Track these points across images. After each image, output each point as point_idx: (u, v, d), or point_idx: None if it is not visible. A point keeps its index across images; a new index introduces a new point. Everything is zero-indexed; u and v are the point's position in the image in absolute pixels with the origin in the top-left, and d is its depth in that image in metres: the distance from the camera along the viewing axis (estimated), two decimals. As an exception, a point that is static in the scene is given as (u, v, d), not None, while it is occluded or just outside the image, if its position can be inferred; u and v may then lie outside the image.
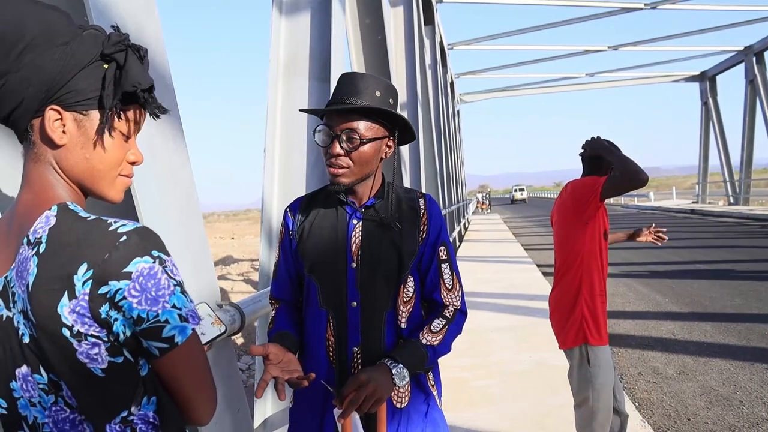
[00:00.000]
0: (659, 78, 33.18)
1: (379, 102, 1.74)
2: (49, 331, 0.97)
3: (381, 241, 1.80)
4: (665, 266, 11.48)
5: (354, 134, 1.71)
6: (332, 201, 1.85)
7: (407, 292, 1.84)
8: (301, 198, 1.95)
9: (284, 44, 3.87)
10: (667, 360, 5.80)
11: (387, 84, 1.81)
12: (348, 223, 1.82)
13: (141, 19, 1.86)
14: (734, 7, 21.63)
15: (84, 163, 1.06)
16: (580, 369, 2.98)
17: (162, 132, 1.94)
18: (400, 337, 1.82)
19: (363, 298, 1.78)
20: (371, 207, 1.83)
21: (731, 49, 27.50)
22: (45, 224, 1.00)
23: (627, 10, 20.35)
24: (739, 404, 4.57)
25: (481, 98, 36.03)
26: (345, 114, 1.73)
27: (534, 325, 6.69)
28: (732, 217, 22.96)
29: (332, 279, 1.80)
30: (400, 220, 1.83)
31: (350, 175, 1.75)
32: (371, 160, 1.77)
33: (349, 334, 1.78)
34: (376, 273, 1.79)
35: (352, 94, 1.73)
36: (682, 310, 7.75)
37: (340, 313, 1.79)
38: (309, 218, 1.86)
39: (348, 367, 1.78)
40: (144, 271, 0.98)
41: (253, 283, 15.07)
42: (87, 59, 1.02)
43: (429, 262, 1.87)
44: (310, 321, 1.83)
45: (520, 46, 24.89)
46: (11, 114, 1.03)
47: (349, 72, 1.83)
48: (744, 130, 27.59)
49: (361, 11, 6.43)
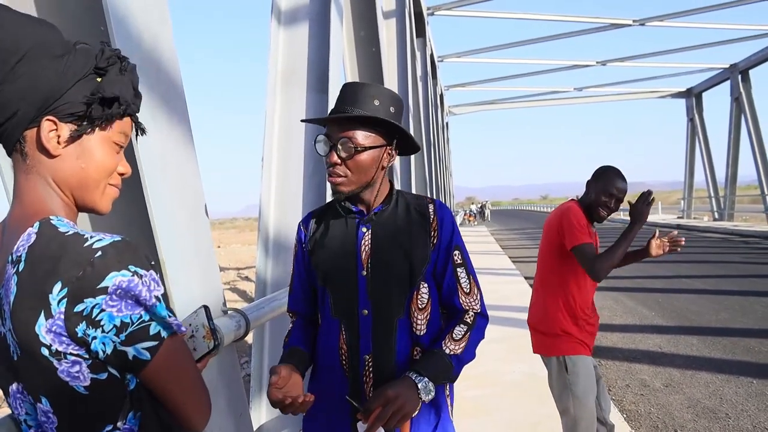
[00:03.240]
0: (646, 94, 33.47)
1: (378, 111, 1.74)
2: (29, 350, 0.97)
3: (391, 248, 1.80)
4: (651, 280, 11.58)
5: (350, 143, 1.72)
6: (342, 211, 1.86)
7: (421, 298, 1.82)
8: (313, 211, 1.96)
9: (282, 55, 3.91)
10: (654, 373, 5.86)
11: (389, 93, 1.80)
12: (357, 231, 1.82)
13: (156, 29, 1.90)
14: (721, 26, 21.91)
15: (80, 173, 1.07)
16: (559, 377, 3.01)
17: (174, 139, 1.98)
18: (416, 344, 1.80)
19: (374, 306, 1.78)
20: (379, 214, 1.83)
21: (717, 66, 27.82)
22: (26, 242, 0.99)
23: (616, 26, 20.56)
24: (725, 417, 4.63)
25: (469, 110, 36.17)
26: (343, 123, 1.74)
27: (523, 337, 6.69)
28: (717, 232, 23.17)
29: (343, 288, 1.80)
30: (410, 226, 1.83)
31: (349, 184, 1.75)
32: (369, 168, 1.76)
33: (361, 343, 1.78)
34: (387, 280, 1.78)
35: (351, 103, 1.74)
36: (669, 324, 7.82)
37: (351, 321, 1.78)
38: (320, 230, 1.87)
39: (360, 375, 1.77)
40: (122, 284, 0.97)
41: (239, 291, 15.00)
42: (82, 72, 1.04)
43: (444, 267, 1.85)
44: (324, 330, 1.84)
45: (510, 60, 25.07)
46: (3, 125, 1.03)
47: (352, 81, 1.83)
48: (729, 147, 27.85)
49: (356, 23, 6.49)
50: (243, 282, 17.37)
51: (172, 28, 2.01)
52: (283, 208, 3.68)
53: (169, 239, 1.88)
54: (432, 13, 17.62)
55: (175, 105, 1.99)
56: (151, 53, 1.89)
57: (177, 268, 1.92)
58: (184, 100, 2.04)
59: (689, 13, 19.97)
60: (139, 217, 1.83)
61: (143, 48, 1.85)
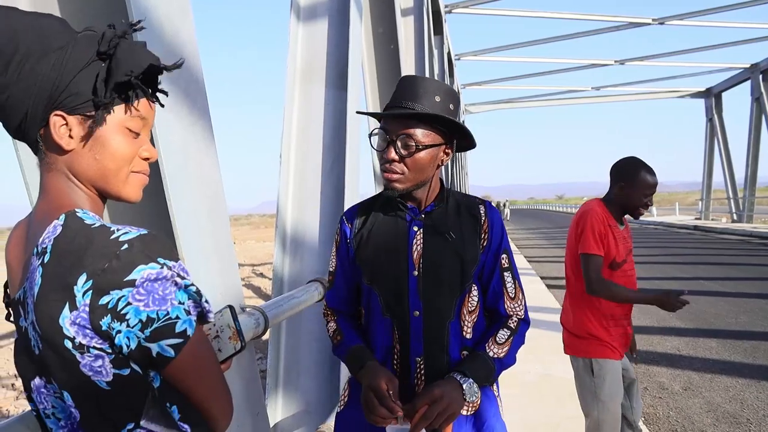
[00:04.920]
0: (665, 93, 33.17)
1: (439, 108, 1.69)
2: (52, 342, 0.96)
3: (443, 249, 1.75)
4: (669, 282, 11.46)
5: (410, 140, 1.67)
6: (390, 207, 1.81)
7: (472, 301, 1.79)
8: (357, 205, 1.90)
9: (301, 51, 3.90)
10: (672, 375, 5.80)
11: (448, 89, 1.75)
12: (408, 229, 1.77)
13: (178, 22, 1.88)
14: (742, 25, 21.66)
15: (95, 165, 1.05)
16: (584, 379, 2.98)
17: (194, 134, 1.96)
18: (464, 347, 1.77)
19: (426, 308, 1.73)
20: (431, 213, 1.79)
21: (738, 66, 27.51)
22: (51, 234, 0.98)
23: (635, 24, 20.37)
24: (746, 422, 4.57)
25: (486, 109, 36.04)
26: (402, 119, 1.68)
27: (539, 338, 6.68)
28: (735, 234, 22.91)
29: (393, 287, 1.75)
30: (462, 227, 1.79)
31: (405, 181, 1.71)
32: (427, 167, 1.72)
33: (412, 344, 1.74)
34: (439, 281, 1.74)
35: (411, 98, 1.69)
36: (687, 326, 7.74)
37: (402, 322, 1.74)
38: (367, 225, 1.82)
39: (411, 377, 1.74)
40: (150, 276, 0.95)
41: (254, 288, 15.05)
42: (84, 61, 1.01)
43: (491, 270, 1.82)
44: (375, 329, 1.79)
45: (527, 58, 24.92)
46: (20, 126, 1.02)
47: (410, 75, 1.78)
48: (749, 148, 27.56)
49: (374, 20, 6.46)
50: (258, 278, 17.43)
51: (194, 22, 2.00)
52: (301, 204, 3.66)
53: (189, 235, 1.87)
54: (450, 10, 17.55)
55: (195, 99, 1.97)
56: (173, 47, 1.87)
57: (197, 264, 1.91)
58: (204, 95, 2.02)
59: (710, 12, 19.73)
60: (159, 213, 1.82)
61: (165, 41, 1.83)
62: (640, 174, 2.93)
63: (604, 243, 2.90)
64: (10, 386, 8.38)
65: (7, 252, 1.10)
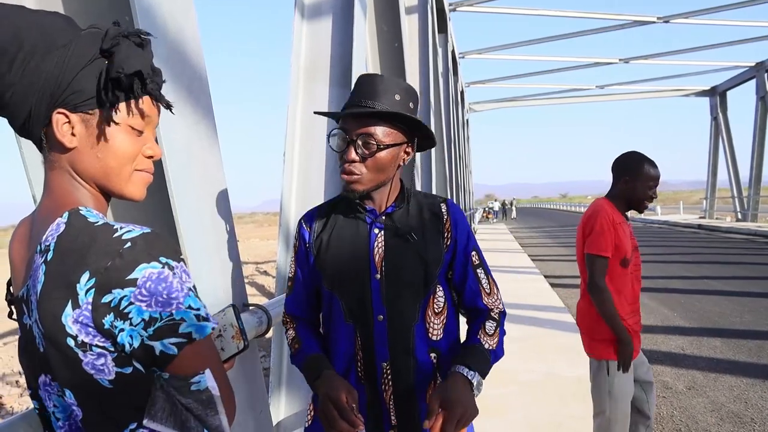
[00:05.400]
0: (669, 92, 33.10)
1: (399, 106, 1.66)
2: (55, 340, 0.95)
3: (405, 251, 1.71)
4: (673, 281, 11.44)
5: (371, 140, 1.63)
6: (350, 210, 1.76)
7: (437, 302, 1.75)
8: (316, 208, 1.85)
9: (306, 49, 3.89)
10: (676, 375, 5.78)
11: (407, 87, 1.72)
12: (369, 232, 1.73)
13: (181, 21, 1.88)
14: (747, 23, 21.59)
15: (97, 163, 1.05)
16: (599, 378, 2.99)
17: (197, 132, 1.96)
18: (432, 350, 1.74)
19: (389, 311, 1.69)
20: (392, 214, 1.75)
21: (743, 64, 27.42)
22: (55, 231, 0.98)
23: (639, 23, 20.33)
24: (750, 422, 4.55)
25: (490, 107, 36.01)
26: (362, 118, 1.64)
27: (543, 336, 6.69)
28: (740, 233, 22.84)
29: (356, 292, 1.71)
30: (423, 228, 1.75)
31: (365, 182, 1.67)
32: (388, 167, 1.68)
33: (377, 349, 1.70)
34: (402, 284, 1.70)
35: (370, 96, 1.65)
36: (691, 325, 7.71)
37: (366, 327, 1.70)
38: (327, 229, 1.77)
39: (378, 383, 1.71)
40: (152, 276, 0.95)
41: (257, 285, 15.08)
42: (87, 58, 1.01)
43: (464, 269, 1.78)
44: (337, 336, 1.74)
45: (531, 57, 24.88)
46: (24, 124, 1.02)
47: (368, 73, 1.72)
48: (754, 146, 27.49)
49: (378, 18, 6.46)
50: (262, 276, 17.46)
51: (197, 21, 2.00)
52: (305, 203, 3.65)
53: (192, 233, 1.87)
54: (454, 9, 17.53)
55: (199, 97, 1.97)
56: (176, 45, 1.87)
57: (200, 262, 1.91)
58: (208, 93, 2.02)
59: (715, 10, 19.66)
60: (162, 211, 1.81)
61: (168, 39, 1.83)
62: (643, 167, 2.96)
63: (614, 243, 2.91)
64: (14, 383, 8.40)
65: (11, 249, 1.10)
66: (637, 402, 3.09)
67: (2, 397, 7.82)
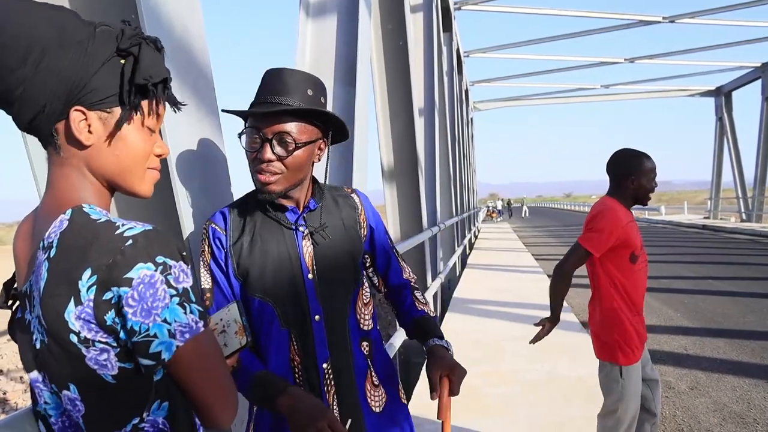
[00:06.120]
0: (675, 92, 33.02)
1: (312, 101, 1.61)
2: (58, 336, 0.96)
3: (332, 247, 1.70)
4: (676, 281, 11.43)
5: (287, 137, 1.57)
6: (268, 210, 1.68)
7: (365, 293, 1.79)
8: (225, 209, 1.71)
9: (310, 47, 3.89)
10: (679, 375, 5.78)
11: (316, 80, 1.66)
12: (295, 232, 1.68)
13: (187, 19, 1.89)
14: (753, 23, 21.53)
15: (114, 161, 1.06)
16: (611, 381, 3.00)
17: (202, 129, 1.97)
18: (363, 339, 1.75)
19: (325, 310, 1.67)
20: (313, 212, 1.71)
21: (748, 64, 27.33)
22: (58, 228, 0.98)
23: (645, 22, 20.29)
24: (753, 422, 4.55)
25: (494, 106, 35.98)
26: (275, 116, 1.57)
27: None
28: (744, 233, 22.79)
29: (290, 295, 1.65)
30: (343, 221, 1.75)
31: (283, 182, 1.60)
32: (305, 165, 1.63)
33: (318, 350, 1.66)
34: (335, 281, 1.69)
35: (281, 92, 1.58)
36: (694, 325, 7.71)
37: (303, 330, 1.66)
38: (246, 233, 1.66)
39: (320, 384, 1.67)
40: (145, 279, 0.94)
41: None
42: (104, 56, 1.01)
43: (386, 253, 1.88)
44: (271, 344, 1.66)
45: (536, 56, 24.84)
46: (34, 120, 1.01)
47: (276, 68, 1.65)
48: (759, 147, 27.40)
49: (383, 17, 6.46)
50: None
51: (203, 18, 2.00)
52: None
53: (196, 231, 1.87)
54: (459, 7, 17.52)
55: (204, 95, 1.98)
56: (182, 43, 1.88)
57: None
58: (213, 91, 2.03)
59: (721, 10, 19.60)
60: (166, 209, 1.82)
61: (174, 37, 1.83)
62: (643, 162, 3.01)
63: (616, 243, 2.91)
64: (18, 379, 8.43)
65: (15, 246, 1.10)
66: (643, 400, 3.10)
67: (7, 393, 7.86)
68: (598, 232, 2.92)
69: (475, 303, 8.95)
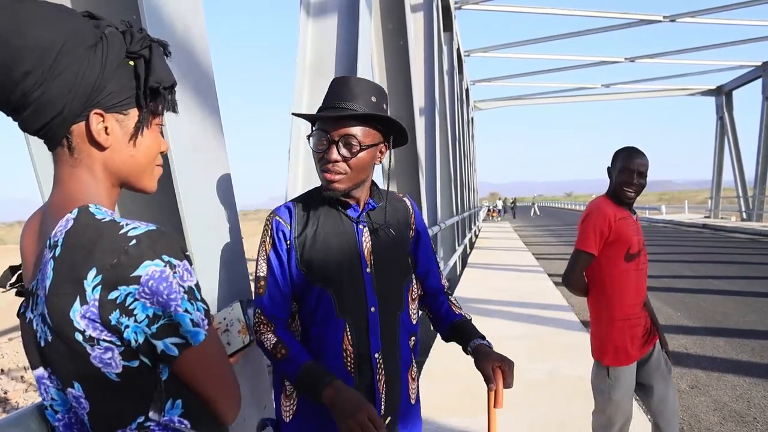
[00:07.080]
0: (675, 91, 33.01)
1: (375, 107, 1.74)
2: (63, 335, 0.97)
3: (388, 244, 1.83)
4: (677, 280, 11.43)
5: (353, 140, 1.70)
6: (332, 206, 1.80)
7: (414, 289, 1.93)
8: (290, 204, 1.84)
9: (311, 47, 3.90)
10: (679, 374, 5.78)
11: (379, 88, 1.80)
12: (356, 228, 1.80)
13: (189, 20, 1.89)
14: (754, 23, 21.53)
15: (131, 161, 1.08)
16: (599, 381, 3.00)
17: (204, 129, 1.98)
18: (411, 334, 1.90)
19: (380, 303, 1.78)
20: (372, 211, 1.84)
21: (749, 64, 27.33)
22: (63, 227, 0.99)
23: (645, 22, 20.29)
24: (753, 421, 4.56)
25: (495, 106, 35.98)
26: (342, 120, 1.70)
27: (546, 335, 6.69)
28: (745, 233, 22.78)
29: (350, 286, 1.76)
30: (398, 222, 1.89)
31: (346, 182, 1.73)
32: (368, 167, 1.76)
33: (371, 341, 1.77)
34: (391, 275, 1.82)
35: (347, 98, 1.72)
36: (695, 325, 7.71)
37: (359, 320, 1.76)
38: (310, 226, 1.78)
39: (373, 374, 1.77)
40: (155, 275, 0.96)
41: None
42: (120, 59, 1.03)
43: (428, 256, 2.00)
44: (326, 333, 1.75)
45: (537, 55, 24.85)
46: (49, 123, 1.01)
47: (342, 76, 1.80)
48: (759, 146, 27.40)
49: (384, 16, 6.46)
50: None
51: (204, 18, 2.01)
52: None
53: (198, 229, 1.88)
54: (459, 7, 17.53)
55: (206, 95, 1.99)
56: (184, 42, 1.88)
57: (205, 258, 1.92)
58: (214, 90, 2.04)
59: (721, 9, 19.60)
60: (168, 207, 1.83)
61: (176, 37, 1.84)
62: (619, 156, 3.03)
63: (608, 239, 2.91)
64: (19, 378, 8.44)
65: (22, 242, 1.11)
66: (649, 413, 3.10)
67: (8, 393, 7.87)
68: (585, 232, 2.96)
69: (475, 302, 8.96)
